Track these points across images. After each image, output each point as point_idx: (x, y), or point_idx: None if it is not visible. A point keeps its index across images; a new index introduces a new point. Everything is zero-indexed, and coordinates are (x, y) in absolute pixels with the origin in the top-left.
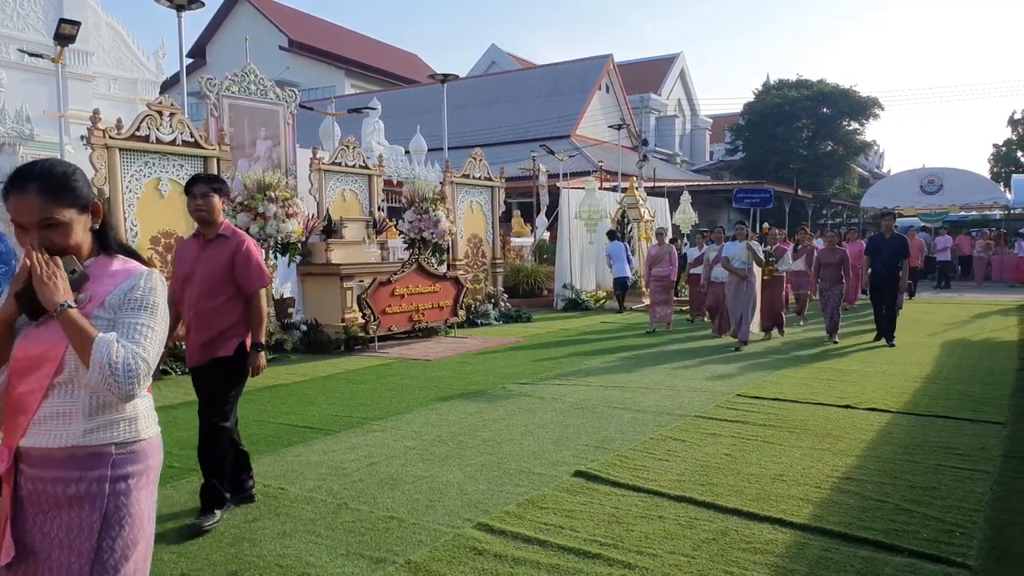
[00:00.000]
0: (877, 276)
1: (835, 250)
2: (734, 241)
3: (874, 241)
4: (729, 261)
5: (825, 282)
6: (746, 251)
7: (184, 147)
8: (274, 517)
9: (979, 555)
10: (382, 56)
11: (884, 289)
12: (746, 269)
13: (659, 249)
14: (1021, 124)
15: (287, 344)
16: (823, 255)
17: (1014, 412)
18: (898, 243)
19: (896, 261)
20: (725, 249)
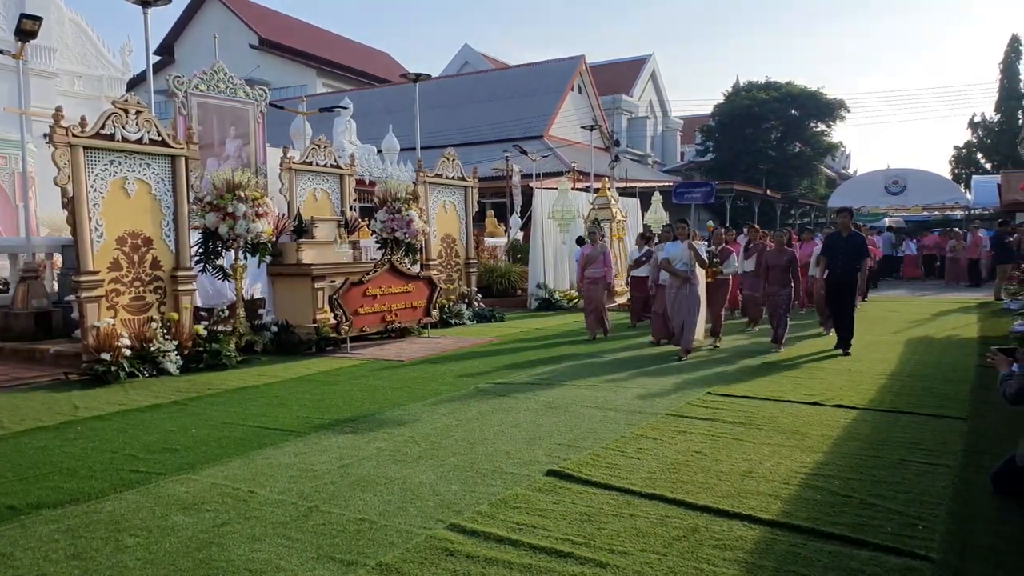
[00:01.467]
0: (833, 279)
1: (783, 251)
2: (675, 241)
3: (830, 240)
4: (670, 263)
5: (772, 285)
6: (687, 252)
7: (151, 146)
8: (243, 521)
9: (941, 548)
10: (354, 55)
11: (843, 293)
12: (688, 271)
13: (593, 249)
14: (980, 127)
15: (257, 345)
16: (770, 256)
17: (974, 408)
18: (856, 242)
19: (854, 262)
20: (666, 250)
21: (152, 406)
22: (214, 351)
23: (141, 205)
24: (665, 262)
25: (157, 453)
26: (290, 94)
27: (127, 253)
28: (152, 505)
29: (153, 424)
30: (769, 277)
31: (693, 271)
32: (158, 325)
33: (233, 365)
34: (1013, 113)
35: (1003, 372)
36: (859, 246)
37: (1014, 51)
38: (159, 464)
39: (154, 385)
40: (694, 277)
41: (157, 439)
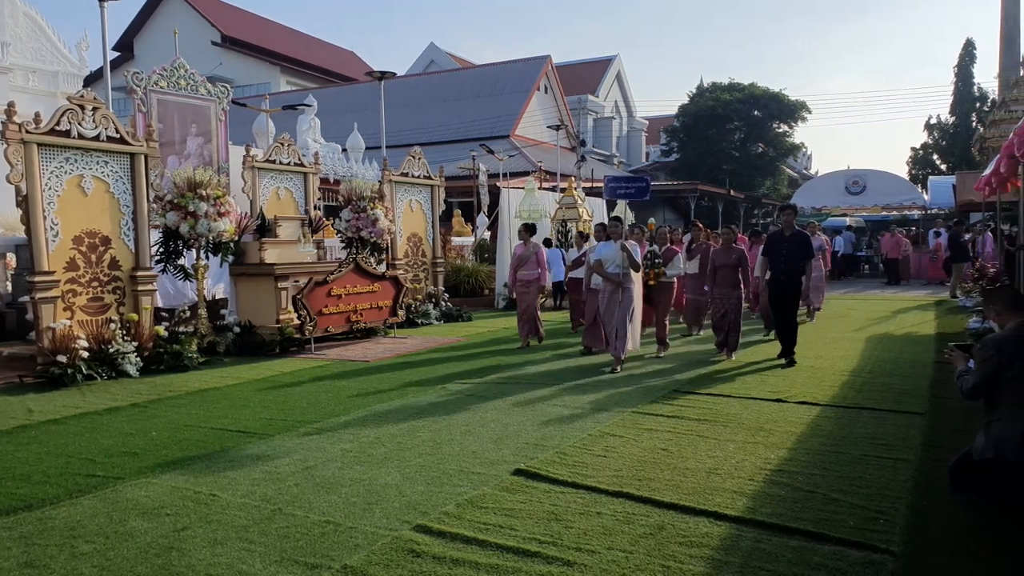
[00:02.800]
0: (777, 283)
1: (731, 249)
2: (608, 241)
3: (772, 240)
4: (602, 265)
5: (721, 287)
6: (620, 253)
7: (109, 143)
8: (205, 525)
9: (902, 541)
10: (318, 53)
11: (787, 297)
12: (620, 274)
13: (525, 248)
14: (936, 129)
15: (220, 347)
16: (717, 255)
17: (933, 403)
18: (800, 241)
19: (798, 262)
20: (597, 250)
21: (110, 409)
22: (175, 352)
23: (99, 204)
24: (597, 264)
25: (115, 457)
26: (253, 92)
27: (84, 253)
28: (109, 510)
29: (111, 427)
30: (717, 278)
31: (627, 274)
32: (117, 326)
33: (195, 366)
34: (967, 116)
35: (959, 368)
36: (803, 245)
37: (968, 55)
38: (117, 468)
39: (113, 387)
40: (628, 281)
41: (115, 443)
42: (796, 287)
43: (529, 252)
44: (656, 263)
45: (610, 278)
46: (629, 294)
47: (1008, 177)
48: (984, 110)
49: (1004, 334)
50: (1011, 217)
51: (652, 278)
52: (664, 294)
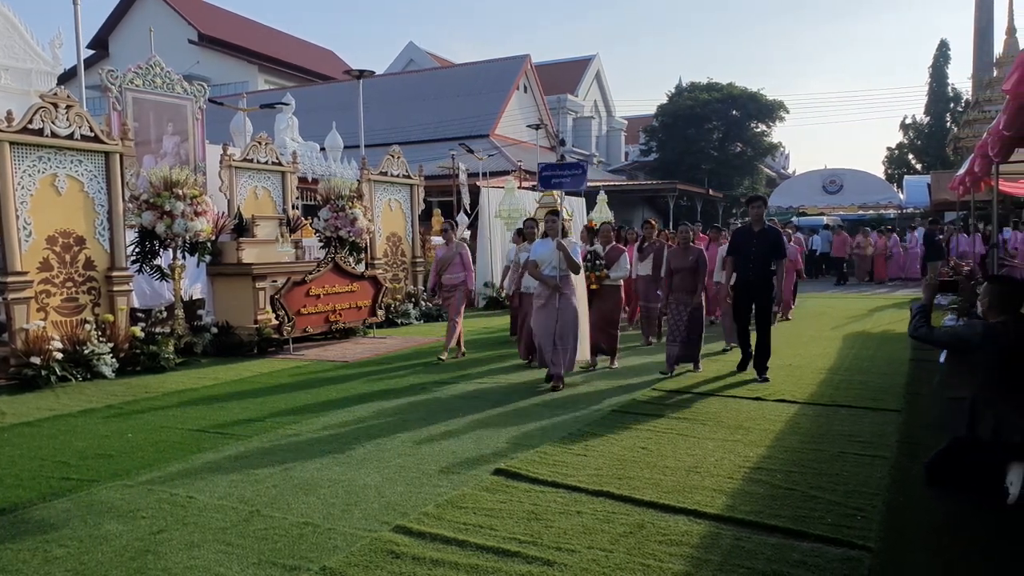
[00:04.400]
0: (744, 284)
1: (688, 249)
2: (544, 239)
3: (738, 237)
4: (536, 266)
5: (677, 292)
6: (557, 253)
7: (83, 142)
8: (181, 527)
9: (878, 537)
10: (297, 52)
11: (753, 301)
12: (557, 277)
13: (448, 249)
14: (912, 129)
15: (197, 347)
16: (673, 256)
17: (909, 400)
18: (771, 238)
19: (769, 262)
20: (533, 250)
21: (85, 411)
22: (152, 353)
23: (73, 203)
24: (531, 265)
25: (90, 459)
26: (230, 91)
27: (58, 253)
28: (84, 514)
29: (86, 429)
30: (673, 282)
31: (566, 278)
32: (92, 327)
33: (172, 367)
34: (942, 116)
35: (924, 300)
36: (774, 242)
37: (943, 56)
38: (92, 471)
39: (88, 389)
40: (567, 285)
41: (90, 445)
42: (767, 290)
43: (452, 253)
44: (598, 264)
45: (545, 281)
46: (568, 301)
47: (982, 176)
48: (958, 110)
49: (994, 325)
50: (984, 216)
51: (594, 281)
52: (610, 299)
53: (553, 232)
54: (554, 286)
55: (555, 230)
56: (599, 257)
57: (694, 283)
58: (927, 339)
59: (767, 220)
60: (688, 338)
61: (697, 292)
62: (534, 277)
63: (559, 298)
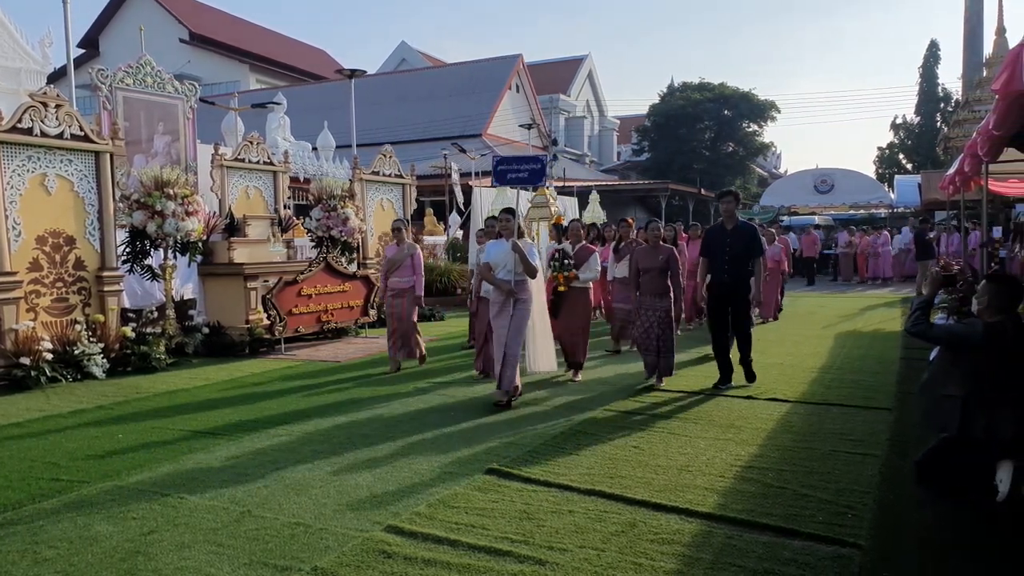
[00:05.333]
0: (718, 287)
1: (658, 248)
2: (499, 240)
3: (711, 236)
4: (491, 269)
5: (645, 296)
6: (512, 255)
7: (73, 141)
8: (172, 528)
9: (869, 535)
10: (288, 51)
11: (733, 306)
12: (512, 281)
13: (398, 250)
14: (902, 128)
15: (188, 347)
16: (641, 256)
17: (899, 399)
18: (746, 236)
19: (746, 261)
20: (486, 252)
21: (75, 411)
22: (143, 354)
23: (62, 203)
24: (485, 268)
25: (80, 460)
26: (222, 90)
27: (48, 253)
28: (74, 515)
29: (76, 430)
30: (641, 284)
31: (521, 282)
32: (82, 327)
33: (163, 368)
34: (932, 115)
35: (922, 299)
36: (750, 241)
37: (932, 56)
38: (82, 472)
39: (78, 390)
40: (521, 290)
41: (80, 446)
42: (743, 292)
43: (403, 254)
44: (567, 264)
45: (499, 286)
46: (522, 307)
47: (971, 176)
48: (948, 110)
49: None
50: (974, 215)
51: (562, 283)
52: (579, 304)
53: (508, 232)
54: (508, 291)
55: (510, 230)
56: (567, 257)
57: (664, 286)
58: (925, 335)
59: (748, 218)
60: (659, 345)
61: (667, 296)
62: (487, 281)
63: (513, 304)
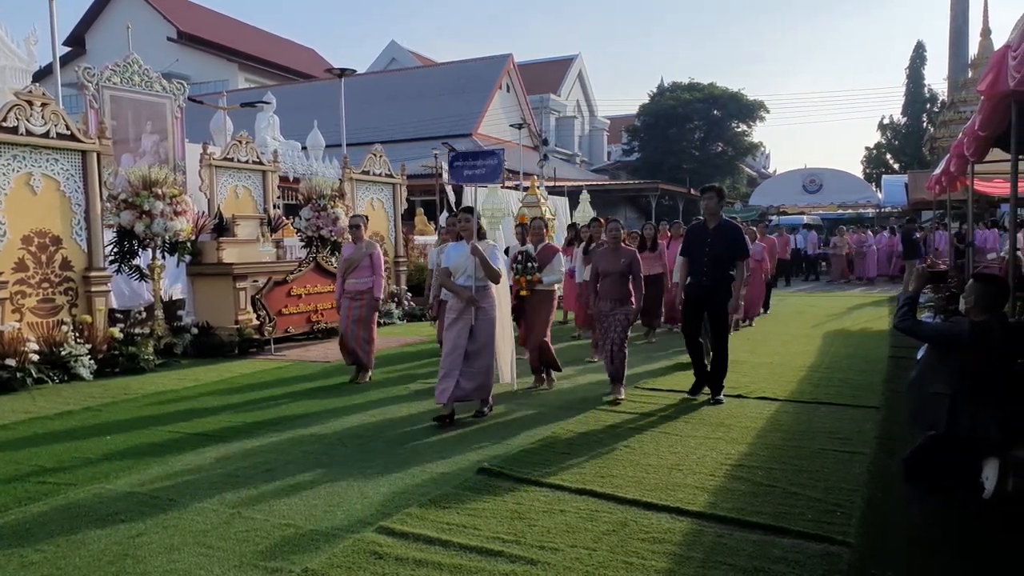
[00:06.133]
0: (698, 289)
1: (619, 251)
2: (458, 242)
3: (692, 235)
4: (450, 274)
5: (604, 301)
6: (472, 258)
7: (59, 140)
8: (161, 530)
9: (858, 533)
10: (277, 50)
11: (711, 311)
12: (472, 287)
13: (355, 250)
14: (889, 128)
15: (177, 348)
16: (600, 259)
17: (887, 397)
18: (728, 236)
19: (727, 263)
20: (445, 256)
21: (63, 413)
22: (131, 354)
23: (49, 202)
24: (443, 274)
25: (67, 463)
26: (210, 89)
27: (34, 253)
28: (61, 518)
29: (64, 432)
30: (600, 289)
31: (483, 288)
32: (69, 328)
33: (151, 369)
34: (919, 116)
35: (907, 295)
36: (732, 240)
37: (919, 57)
38: (69, 474)
39: (65, 391)
40: (485, 298)
41: (68, 448)
42: (723, 297)
43: (360, 253)
44: (529, 267)
45: (458, 293)
46: (486, 316)
47: (957, 176)
48: (934, 111)
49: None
50: (960, 215)
51: (524, 286)
52: (542, 309)
53: (467, 233)
54: (468, 298)
55: (469, 231)
56: (531, 258)
57: (624, 290)
58: (913, 332)
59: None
60: (614, 354)
61: (628, 300)
62: (446, 287)
63: (475, 313)
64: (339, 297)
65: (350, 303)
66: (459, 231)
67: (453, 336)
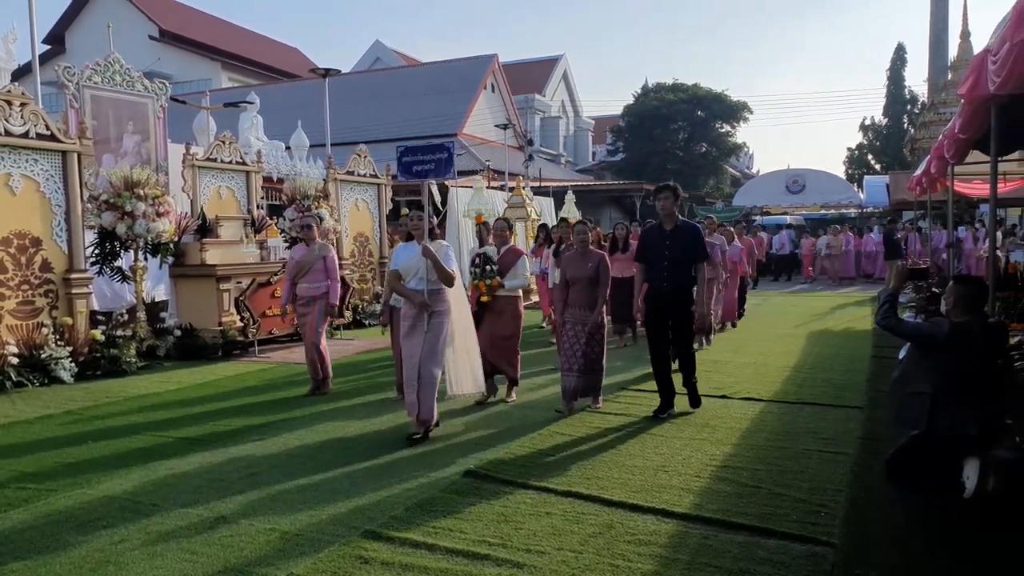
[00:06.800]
0: (656, 297)
1: (588, 254)
2: (408, 243)
3: (648, 238)
4: (399, 277)
5: (574, 308)
6: (423, 260)
7: (39, 140)
8: (143, 536)
9: (841, 533)
10: (261, 49)
11: (669, 317)
12: (423, 292)
13: (307, 252)
14: (871, 130)
15: (160, 350)
16: (568, 265)
17: (870, 397)
18: (687, 238)
19: (687, 269)
20: (394, 257)
21: (43, 417)
22: (112, 357)
23: (28, 204)
24: (392, 277)
25: (48, 467)
26: (193, 88)
27: (13, 255)
28: (42, 524)
29: (44, 437)
30: (569, 296)
31: (437, 292)
32: (50, 331)
33: (133, 371)
34: (899, 117)
35: (888, 291)
36: (691, 243)
37: (900, 59)
38: (50, 479)
39: (45, 395)
40: (439, 302)
41: (48, 453)
42: (684, 303)
43: (313, 256)
44: (488, 270)
45: (411, 298)
46: (438, 321)
47: (938, 177)
48: (915, 112)
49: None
50: (941, 215)
51: (484, 291)
52: (505, 313)
53: (418, 233)
54: (420, 303)
55: (420, 230)
56: (490, 261)
57: (594, 296)
58: (894, 329)
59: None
60: (586, 366)
61: (598, 307)
62: (396, 292)
63: (428, 319)
64: (286, 303)
65: (303, 309)
66: (410, 230)
67: (410, 347)
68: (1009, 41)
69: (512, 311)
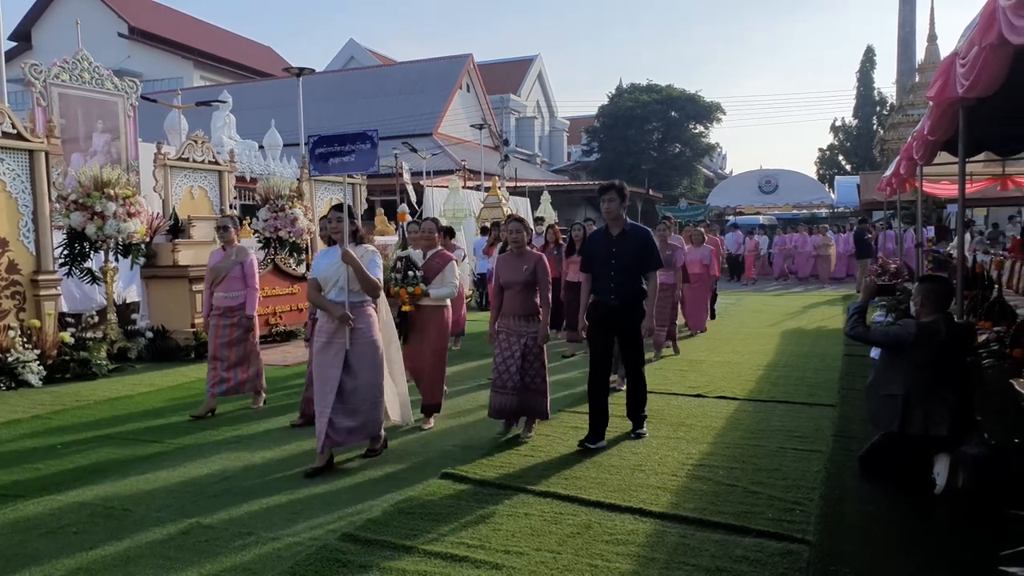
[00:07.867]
0: (602, 311)
1: (524, 256)
2: (330, 248)
3: (592, 245)
4: (319, 289)
5: (507, 317)
6: (343, 268)
7: (5, 139)
8: (116, 542)
9: (816, 530)
10: (234, 47)
11: (615, 332)
12: (344, 303)
13: (223, 256)
14: (842, 131)
15: (131, 353)
16: (501, 268)
17: (843, 395)
18: (637, 243)
19: (636, 279)
20: (315, 264)
21: (10, 422)
22: (82, 360)
23: None
24: (310, 287)
25: (15, 473)
26: (164, 87)
27: None
28: (9, 532)
29: (11, 441)
30: (504, 304)
31: (359, 305)
32: (16, 333)
33: (104, 374)
34: (869, 118)
35: (857, 305)
36: (642, 248)
37: (869, 61)
38: (17, 485)
39: (12, 399)
40: (362, 316)
41: (15, 458)
42: (633, 317)
43: (229, 262)
44: (410, 276)
45: (330, 310)
46: (365, 338)
47: (907, 178)
48: (884, 114)
49: (926, 324)
50: (910, 215)
51: (407, 301)
52: (430, 326)
53: (339, 237)
54: (340, 316)
55: (340, 233)
56: (413, 266)
57: (531, 304)
58: (863, 338)
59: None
60: (523, 383)
61: (536, 316)
62: (314, 303)
63: (350, 336)
64: (207, 314)
65: (219, 320)
66: (330, 233)
67: (323, 365)
68: (977, 45)
69: (438, 324)
